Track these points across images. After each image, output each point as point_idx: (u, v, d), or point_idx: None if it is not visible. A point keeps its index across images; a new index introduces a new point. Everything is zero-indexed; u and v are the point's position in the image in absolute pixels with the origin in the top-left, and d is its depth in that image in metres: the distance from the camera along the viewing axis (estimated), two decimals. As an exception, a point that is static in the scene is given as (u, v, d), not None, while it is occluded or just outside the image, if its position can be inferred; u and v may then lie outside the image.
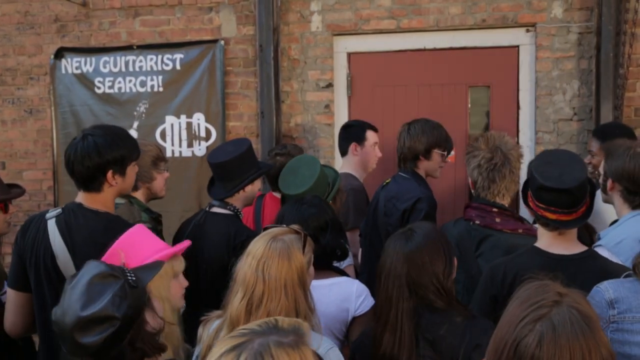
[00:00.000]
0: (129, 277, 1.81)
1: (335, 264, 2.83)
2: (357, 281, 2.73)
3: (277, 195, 3.81)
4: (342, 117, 5.05)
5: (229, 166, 3.14)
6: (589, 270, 2.32)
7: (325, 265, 2.66)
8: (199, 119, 5.17)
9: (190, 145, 5.19)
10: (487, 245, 2.85)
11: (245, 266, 2.11)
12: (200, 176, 5.04)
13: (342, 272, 2.78)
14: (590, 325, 1.39)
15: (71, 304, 1.72)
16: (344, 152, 4.16)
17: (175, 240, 3.36)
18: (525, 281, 1.51)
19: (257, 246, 2.14)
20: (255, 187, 3.28)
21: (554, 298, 1.42)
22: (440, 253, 2.20)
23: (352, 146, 4.07)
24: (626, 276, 2.16)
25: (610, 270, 2.30)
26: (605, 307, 2.08)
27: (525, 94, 4.76)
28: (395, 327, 2.16)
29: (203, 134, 5.17)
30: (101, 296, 1.72)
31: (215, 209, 3.20)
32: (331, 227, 2.68)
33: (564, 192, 2.34)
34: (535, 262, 2.39)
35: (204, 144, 5.15)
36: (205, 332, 2.20)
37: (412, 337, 2.12)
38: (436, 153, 3.56)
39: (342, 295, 2.61)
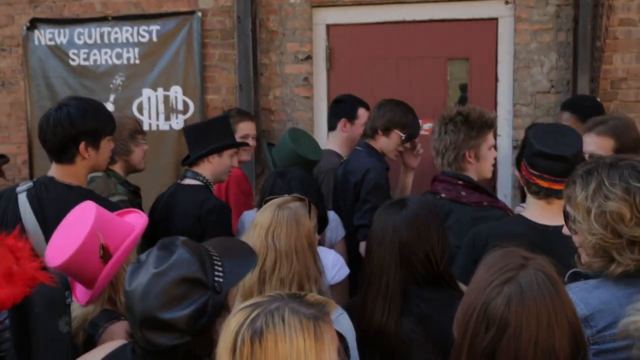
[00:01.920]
0: (216, 280, 1.62)
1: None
2: (332, 251, 2.76)
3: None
4: (321, 90, 5.02)
5: (197, 130, 3.15)
6: (571, 242, 2.34)
7: None
8: (176, 92, 5.11)
9: (167, 118, 5.14)
10: (452, 218, 2.87)
11: (255, 237, 2.13)
12: (178, 150, 4.99)
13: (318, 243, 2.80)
14: (556, 286, 1.43)
15: (151, 294, 1.55)
16: (332, 127, 4.09)
17: (150, 214, 3.36)
18: (492, 249, 1.53)
19: (264, 216, 2.16)
20: (224, 161, 3.20)
21: (520, 262, 1.45)
22: (434, 225, 2.18)
23: (342, 122, 4.00)
24: (571, 277, 1.93)
25: None
26: None
27: (504, 66, 4.76)
28: (385, 294, 2.15)
29: (181, 107, 5.12)
30: (183, 304, 1.55)
31: (186, 181, 3.20)
32: (320, 199, 2.70)
33: (560, 159, 2.37)
34: (518, 230, 2.42)
35: (181, 117, 5.11)
36: None
37: (400, 306, 2.11)
38: (396, 133, 3.55)
39: None
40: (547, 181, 2.42)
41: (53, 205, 2.52)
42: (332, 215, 3.11)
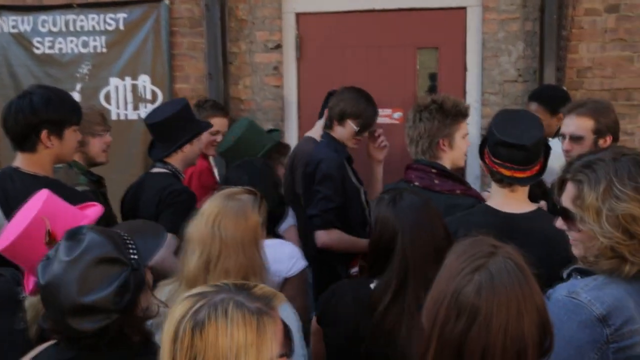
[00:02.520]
0: (132, 258, 1.65)
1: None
2: (289, 243, 2.76)
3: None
4: (291, 79, 5.00)
5: (165, 126, 3.14)
6: (538, 228, 2.37)
7: (267, 229, 2.68)
8: (144, 81, 5.05)
9: (136, 108, 5.08)
10: None
11: (201, 224, 2.12)
12: (147, 139, 4.84)
13: (277, 236, 2.80)
14: (525, 274, 1.44)
15: (69, 282, 1.55)
16: (320, 116, 4.10)
17: (122, 204, 3.35)
18: (461, 238, 1.55)
19: (211, 205, 2.15)
20: (195, 148, 3.27)
21: (489, 250, 1.46)
22: (437, 218, 2.18)
23: (326, 111, 4.03)
24: (571, 275, 1.90)
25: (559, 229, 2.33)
26: (597, 326, 1.68)
27: (473, 55, 4.80)
28: (399, 292, 2.12)
29: (149, 96, 5.06)
30: (103, 285, 1.56)
31: (155, 169, 3.22)
32: (274, 191, 2.70)
33: (520, 149, 2.40)
34: (486, 221, 2.44)
35: (150, 107, 5.02)
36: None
37: (407, 308, 2.08)
38: (349, 124, 3.51)
39: (274, 257, 2.59)
40: (509, 170, 2.45)
41: (18, 195, 2.46)
42: None
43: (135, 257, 1.66)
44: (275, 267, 2.58)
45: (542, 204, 3.16)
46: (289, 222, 3.14)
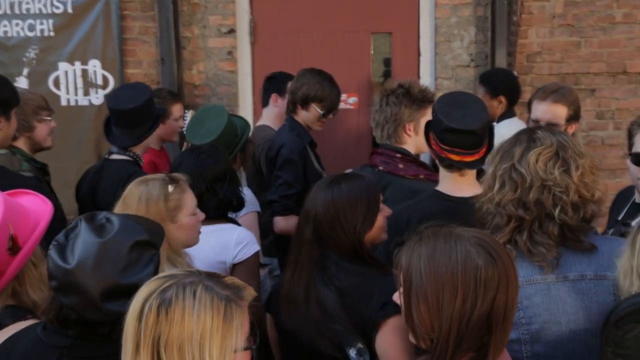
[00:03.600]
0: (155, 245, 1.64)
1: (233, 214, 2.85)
2: (240, 228, 2.74)
3: None
4: (245, 64, 4.96)
5: (134, 113, 3.10)
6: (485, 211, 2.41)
7: (220, 215, 2.68)
8: (95, 65, 4.93)
9: (86, 93, 4.95)
10: (390, 191, 2.89)
11: (117, 208, 2.20)
12: (98, 126, 4.74)
13: (234, 222, 2.79)
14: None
15: (108, 262, 1.51)
16: (265, 104, 4.10)
17: (78, 190, 3.29)
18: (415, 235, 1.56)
19: (127, 189, 2.25)
20: (155, 134, 3.32)
21: (459, 229, 1.51)
22: (358, 206, 2.14)
23: (273, 97, 4.00)
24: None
25: None
26: None
27: (426, 40, 4.85)
28: (296, 266, 2.16)
29: (100, 81, 4.94)
30: (140, 266, 1.54)
31: (115, 156, 3.16)
32: (228, 177, 2.69)
33: (468, 133, 2.40)
34: (437, 206, 2.45)
35: (101, 92, 4.93)
36: None
37: (310, 279, 2.10)
38: (313, 107, 3.49)
39: (220, 242, 2.62)
40: (458, 155, 2.45)
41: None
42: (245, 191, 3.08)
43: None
44: (221, 252, 2.61)
45: None
46: (249, 208, 3.11)
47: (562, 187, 1.79)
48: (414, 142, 3.04)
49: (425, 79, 4.85)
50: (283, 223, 3.29)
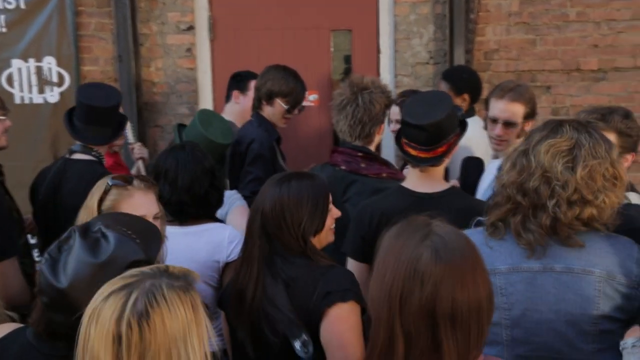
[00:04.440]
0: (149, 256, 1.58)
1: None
2: (229, 227, 2.73)
3: None
4: (204, 61, 4.92)
5: (109, 112, 3.06)
6: (452, 207, 2.38)
7: (202, 213, 2.66)
8: (49, 63, 4.83)
9: (41, 91, 4.85)
10: (353, 190, 2.91)
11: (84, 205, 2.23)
12: (55, 124, 4.73)
13: (218, 221, 2.78)
14: (465, 235, 1.50)
15: (99, 286, 1.40)
16: (227, 99, 4.10)
17: (34, 191, 3.20)
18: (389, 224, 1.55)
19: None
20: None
21: (425, 222, 1.49)
22: (304, 205, 2.14)
23: (234, 93, 3.99)
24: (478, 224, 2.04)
25: (472, 206, 2.39)
26: None
27: (385, 38, 4.88)
28: (245, 260, 2.17)
29: (55, 79, 4.84)
30: None
31: (77, 155, 3.07)
32: (208, 175, 2.66)
33: (420, 129, 2.43)
34: (401, 202, 2.48)
35: (56, 90, 4.84)
36: None
37: (259, 273, 2.12)
38: (278, 103, 3.51)
39: (213, 241, 2.61)
40: (415, 149, 2.48)
41: None
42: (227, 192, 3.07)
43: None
44: (215, 251, 2.59)
45: (454, 182, 3.26)
46: (235, 204, 3.09)
47: (562, 182, 1.81)
48: (377, 140, 3.07)
49: (385, 76, 4.88)
50: None
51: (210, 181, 2.67)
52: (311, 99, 4.84)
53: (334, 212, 2.26)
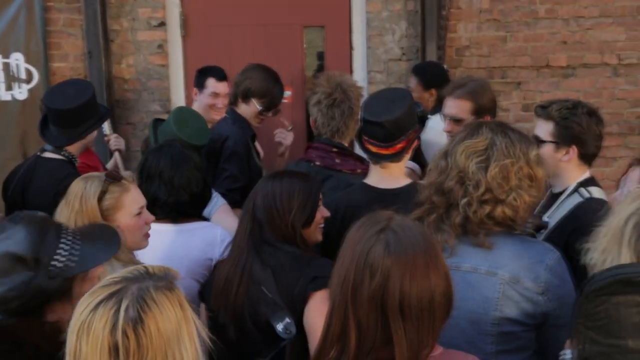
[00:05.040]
0: (52, 265, 1.55)
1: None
2: (219, 227, 2.73)
3: None
4: (176, 58, 4.88)
5: (72, 114, 3.00)
6: (412, 202, 2.45)
7: (192, 212, 2.65)
8: (17, 59, 4.74)
9: (9, 88, 4.76)
10: (327, 185, 2.91)
11: (60, 206, 2.21)
12: (24, 121, 4.65)
13: (205, 219, 2.78)
14: (424, 230, 1.53)
15: None
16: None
17: (6, 187, 3.16)
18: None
19: (70, 187, 2.24)
20: (94, 133, 3.22)
21: (387, 216, 1.52)
22: (295, 196, 2.22)
23: (194, 91, 3.95)
24: None
25: None
26: None
27: (358, 34, 4.89)
28: (237, 251, 2.24)
29: (23, 75, 4.76)
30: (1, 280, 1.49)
31: (48, 154, 3.06)
32: (202, 172, 2.67)
33: (378, 126, 2.47)
34: (363, 198, 2.52)
35: (25, 87, 4.75)
36: None
37: (248, 259, 2.19)
38: (253, 103, 3.51)
39: (206, 239, 2.62)
40: (374, 146, 2.52)
41: None
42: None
43: (60, 264, 1.56)
44: (208, 249, 2.60)
45: (413, 165, 3.29)
46: (218, 203, 3.07)
47: (474, 182, 1.85)
48: (351, 136, 3.09)
49: (358, 73, 4.90)
50: None
51: (204, 178, 2.69)
52: (285, 95, 4.83)
53: (324, 211, 2.34)
